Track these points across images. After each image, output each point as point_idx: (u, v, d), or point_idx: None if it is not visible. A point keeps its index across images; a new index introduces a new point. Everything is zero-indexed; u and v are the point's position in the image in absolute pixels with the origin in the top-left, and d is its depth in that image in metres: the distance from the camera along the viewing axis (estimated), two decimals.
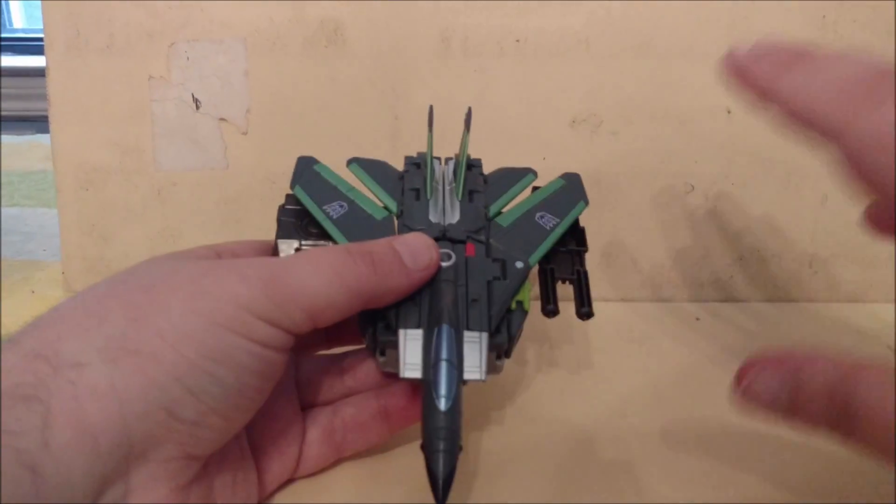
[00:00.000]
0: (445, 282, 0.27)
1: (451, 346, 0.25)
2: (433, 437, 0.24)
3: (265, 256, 0.30)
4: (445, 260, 0.27)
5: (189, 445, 0.22)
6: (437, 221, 0.30)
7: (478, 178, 0.33)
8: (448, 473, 0.23)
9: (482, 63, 0.44)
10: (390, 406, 0.29)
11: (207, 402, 0.22)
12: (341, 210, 0.30)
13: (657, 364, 0.39)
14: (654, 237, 0.46)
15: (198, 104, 0.45)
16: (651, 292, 0.47)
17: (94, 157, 0.45)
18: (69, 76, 0.44)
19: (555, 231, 0.31)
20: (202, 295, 0.22)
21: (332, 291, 0.24)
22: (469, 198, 0.31)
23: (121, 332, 0.21)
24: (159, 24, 0.44)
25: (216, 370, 0.22)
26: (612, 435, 0.33)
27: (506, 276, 0.28)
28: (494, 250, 0.29)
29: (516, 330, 0.27)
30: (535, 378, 0.37)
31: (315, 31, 0.44)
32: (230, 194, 0.46)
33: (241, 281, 0.23)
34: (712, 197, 0.46)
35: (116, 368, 0.20)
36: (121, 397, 0.20)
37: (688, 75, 0.44)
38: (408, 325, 0.26)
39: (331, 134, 0.45)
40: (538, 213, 0.32)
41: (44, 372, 0.20)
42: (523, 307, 0.28)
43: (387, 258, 0.25)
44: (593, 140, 0.45)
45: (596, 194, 0.45)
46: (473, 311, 0.26)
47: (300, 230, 0.30)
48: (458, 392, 0.24)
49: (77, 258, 0.47)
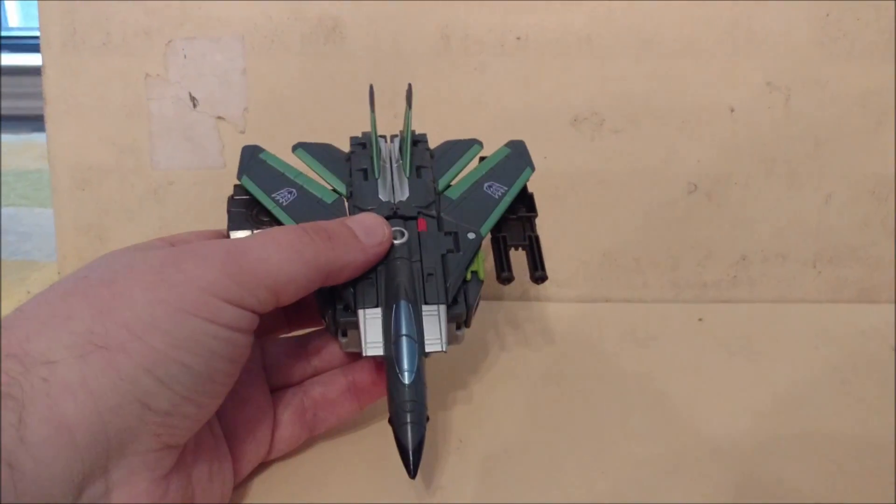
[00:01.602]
0: (400, 259, 0.27)
1: (410, 321, 0.26)
2: (400, 410, 0.25)
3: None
4: (398, 237, 0.28)
5: (165, 435, 0.22)
6: (387, 200, 0.30)
7: (424, 154, 0.33)
8: (417, 444, 0.24)
9: (483, 61, 0.44)
10: (358, 382, 0.30)
11: (179, 391, 0.22)
12: (290, 196, 0.30)
13: (660, 365, 0.38)
14: (656, 237, 0.46)
15: (195, 103, 0.44)
16: (653, 292, 0.47)
17: (91, 156, 0.45)
18: (65, 74, 0.44)
19: (503, 199, 0.31)
20: (165, 283, 0.22)
21: (293, 267, 0.24)
22: (417, 173, 0.32)
23: (87, 328, 0.21)
24: (156, 22, 0.43)
25: (185, 358, 0.22)
26: (614, 435, 0.32)
27: (459, 248, 0.29)
28: (446, 223, 0.30)
29: (474, 299, 0.28)
30: (534, 378, 0.37)
31: (313, 28, 0.43)
32: (227, 193, 0.45)
33: (202, 265, 0.23)
34: (715, 196, 0.45)
35: (87, 363, 0.21)
36: (94, 392, 0.20)
37: (690, 74, 0.44)
38: (366, 305, 0.27)
39: (329, 133, 0.44)
40: (486, 182, 0.32)
41: (15, 370, 0.20)
42: (478, 277, 0.29)
43: (342, 233, 0.26)
44: (595, 139, 0.45)
45: (598, 193, 0.45)
46: (430, 284, 0.27)
47: (251, 220, 0.31)
48: (420, 365, 0.25)
49: (73, 258, 0.46)
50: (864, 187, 0.45)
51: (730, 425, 0.33)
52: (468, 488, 0.29)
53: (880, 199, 0.46)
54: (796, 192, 0.45)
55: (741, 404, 0.35)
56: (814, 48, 0.44)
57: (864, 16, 0.43)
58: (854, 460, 0.31)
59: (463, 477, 0.30)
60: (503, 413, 0.34)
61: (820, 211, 0.46)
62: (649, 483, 0.29)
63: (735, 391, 0.36)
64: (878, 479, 0.30)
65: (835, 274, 0.47)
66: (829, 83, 0.44)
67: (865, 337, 0.42)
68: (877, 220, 0.46)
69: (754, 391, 0.36)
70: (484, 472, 0.30)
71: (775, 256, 0.46)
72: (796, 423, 0.33)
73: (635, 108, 0.44)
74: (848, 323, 0.43)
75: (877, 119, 0.44)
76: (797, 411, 0.34)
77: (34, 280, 0.48)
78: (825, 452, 0.31)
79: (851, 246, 0.46)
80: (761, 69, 0.44)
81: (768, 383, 0.37)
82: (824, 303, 0.46)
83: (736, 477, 0.30)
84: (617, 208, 0.46)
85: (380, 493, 0.29)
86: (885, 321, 0.44)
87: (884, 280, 0.47)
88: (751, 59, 0.44)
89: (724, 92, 0.44)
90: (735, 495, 0.29)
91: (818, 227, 0.46)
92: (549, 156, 0.44)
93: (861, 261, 0.46)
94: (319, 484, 0.29)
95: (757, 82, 0.44)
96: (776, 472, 0.30)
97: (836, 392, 0.36)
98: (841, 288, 0.47)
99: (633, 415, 0.34)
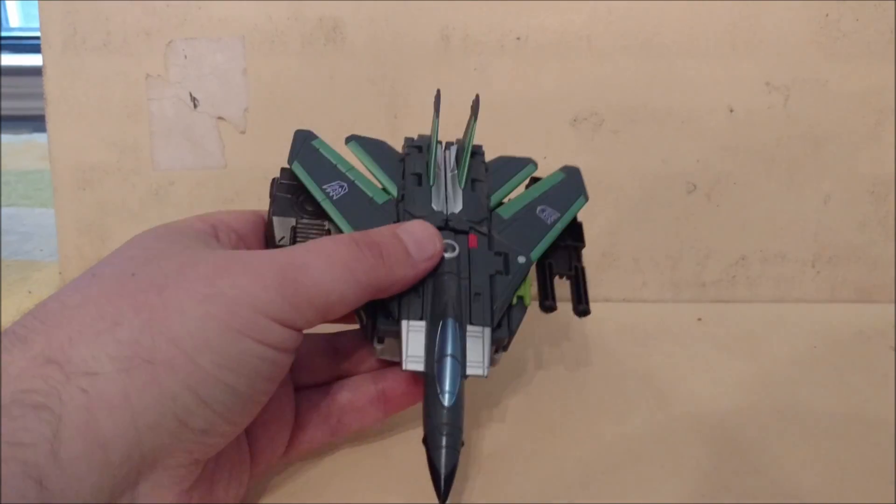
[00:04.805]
0: (449, 274, 0.26)
1: (456, 342, 0.25)
2: (436, 432, 0.23)
3: (260, 234, 0.30)
4: (449, 251, 0.27)
5: (196, 452, 0.22)
6: (440, 209, 0.29)
7: (480, 167, 0.32)
8: (450, 470, 0.23)
9: (482, 61, 0.44)
10: (388, 391, 0.29)
11: (219, 411, 0.21)
12: (342, 191, 0.29)
13: (659, 365, 0.38)
14: (655, 237, 0.46)
15: (196, 103, 0.44)
16: (653, 292, 0.47)
17: (92, 156, 0.45)
18: (66, 75, 0.44)
19: (556, 226, 0.31)
20: (217, 297, 0.21)
21: (345, 287, 0.23)
22: (472, 186, 0.31)
23: (134, 338, 0.20)
24: (157, 22, 0.43)
25: (230, 378, 0.21)
26: (614, 436, 0.32)
27: (508, 270, 0.28)
28: (497, 243, 0.29)
29: (517, 325, 0.27)
30: (535, 378, 0.37)
31: (314, 28, 0.44)
32: (228, 194, 0.46)
33: (257, 281, 0.22)
34: (714, 196, 0.46)
35: (130, 378, 0.20)
36: (134, 408, 0.20)
37: (690, 74, 0.44)
38: (411, 317, 0.26)
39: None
40: (539, 206, 0.31)
41: (55, 379, 0.19)
42: (524, 302, 0.28)
43: (393, 249, 0.25)
44: (594, 139, 0.45)
45: (597, 193, 0.45)
46: (476, 305, 0.26)
47: (296, 207, 0.30)
48: (461, 388, 0.24)
49: (74, 258, 0.46)
50: (862, 187, 0.45)
51: (729, 424, 0.33)
52: (468, 488, 0.29)
53: (879, 199, 0.46)
54: (795, 191, 0.45)
55: (740, 404, 0.35)
56: (813, 48, 0.44)
57: (864, 16, 0.44)
58: (854, 460, 0.31)
59: (463, 477, 0.30)
60: (502, 412, 0.34)
61: (819, 211, 0.46)
62: (649, 482, 0.29)
63: (734, 391, 0.36)
64: (877, 478, 0.30)
65: (834, 274, 0.47)
66: (829, 83, 0.44)
67: (864, 336, 0.42)
68: (876, 220, 0.46)
69: (753, 391, 0.36)
70: (484, 471, 0.30)
71: (774, 256, 0.46)
72: (795, 422, 0.34)
73: (635, 109, 0.44)
74: (847, 323, 0.43)
75: (876, 119, 0.45)
76: (796, 411, 0.34)
77: (35, 280, 0.48)
78: (825, 452, 0.31)
79: (850, 246, 0.46)
80: (761, 69, 0.44)
81: (767, 383, 0.37)
82: (823, 302, 0.46)
83: (735, 476, 0.30)
84: (616, 208, 0.46)
85: (384, 493, 0.29)
86: (883, 321, 0.44)
87: (883, 280, 0.47)
88: (750, 60, 0.44)
89: (724, 92, 0.44)
90: (735, 495, 0.29)
91: (817, 226, 0.46)
92: (548, 156, 0.44)
93: (860, 261, 0.46)
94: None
95: (756, 82, 0.44)
96: (776, 471, 0.30)
97: (835, 392, 0.36)
98: (840, 288, 0.47)
99: (633, 414, 0.34)
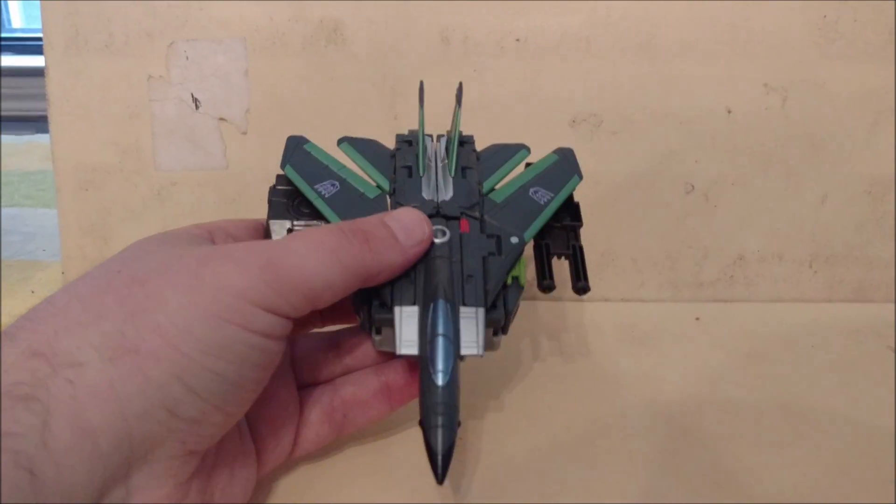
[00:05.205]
0: (440, 258, 0.27)
1: (448, 321, 0.25)
2: (431, 412, 0.24)
3: (258, 239, 0.30)
4: (439, 236, 0.27)
5: (189, 442, 0.22)
6: (431, 198, 0.29)
7: (470, 154, 0.33)
8: (447, 449, 0.23)
9: (482, 62, 0.44)
10: (391, 383, 0.29)
11: (208, 399, 0.21)
12: (333, 189, 0.30)
13: (657, 364, 0.39)
14: (653, 237, 0.46)
15: (197, 104, 0.45)
16: (651, 292, 0.47)
17: (94, 157, 0.45)
18: (68, 76, 0.44)
19: (549, 206, 0.31)
20: (199, 286, 0.22)
21: (330, 272, 0.23)
22: (462, 174, 0.31)
23: (118, 329, 0.21)
24: (158, 24, 0.44)
25: (216, 365, 0.21)
26: (613, 436, 0.33)
27: (501, 251, 0.28)
28: (489, 226, 0.29)
29: (513, 305, 0.27)
30: (534, 378, 0.37)
31: (315, 30, 0.44)
32: (230, 194, 0.46)
33: (238, 269, 0.22)
34: (712, 197, 0.46)
35: (115, 367, 0.20)
36: (120, 397, 0.20)
37: (688, 75, 0.44)
38: (403, 303, 0.26)
39: (330, 134, 0.44)
40: (532, 188, 0.31)
41: (42, 371, 0.19)
42: (519, 283, 0.28)
43: (380, 235, 0.25)
44: (593, 140, 0.45)
45: (596, 194, 0.45)
46: (469, 286, 0.26)
47: (292, 210, 0.30)
48: (455, 367, 0.24)
49: (77, 258, 0.46)
50: (860, 187, 0.46)
51: (727, 424, 0.33)
52: (468, 488, 0.29)
53: (877, 200, 0.46)
54: (793, 192, 0.46)
55: (738, 404, 0.35)
56: (811, 49, 0.44)
57: (862, 17, 0.44)
58: (853, 460, 0.31)
59: (462, 476, 0.30)
60: (501, 412, 0.34)
61: (816, 211, 0.46)
62: (649, 482, 0.30)
63: (732, 390, 0.36)
64: (877, 478, 0.30)
65: (831, 273, 0.47)
66: (827, 84, 0.44)
67: (862, 336, 0.42)
68: (873, 221, 0.46)
69: (752, 390, 0.36)
70: (483, 471, 0.30)
71: (772, 256, 0.46)
72: (794, 422, 0.34)
73: (633, 110, 0.45)
74: (844, 322, 0.44)
75: (873, 120, 0.45)
76: (795, 411, 0.35)
77: (38, 280, 0.48)
78: (823, 451, 0.31)
79: (848, 246, 0.47)
80: (758, 70, 0.44)
81: (765, 382, 0.37)
82: (821, 302, 0.47)
83: (734, 475, 0.30)
84: (615, 208, 0.46)
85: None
86: (881, 320, 0.44)
87: (880, 279, 0.47)
88: (748, 61, 0.44)
89: (722, 93, 0.44)
90: (733, 494, 0.29)
91: (815, 227, 0.46)
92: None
93: (857, 260, 0.47)
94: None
95: (754, 83, 0.44)
96: (775, 471, 0.30)
97: (833, 391, 0.36)
98: (837, 287, 0.47)
99: (631, 414, 0.34)
